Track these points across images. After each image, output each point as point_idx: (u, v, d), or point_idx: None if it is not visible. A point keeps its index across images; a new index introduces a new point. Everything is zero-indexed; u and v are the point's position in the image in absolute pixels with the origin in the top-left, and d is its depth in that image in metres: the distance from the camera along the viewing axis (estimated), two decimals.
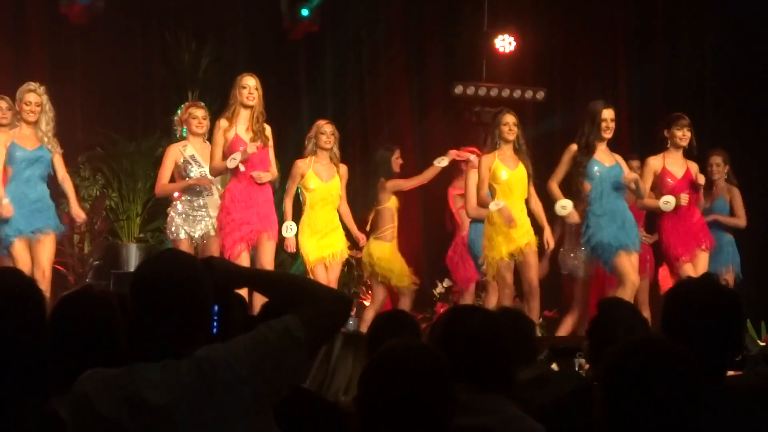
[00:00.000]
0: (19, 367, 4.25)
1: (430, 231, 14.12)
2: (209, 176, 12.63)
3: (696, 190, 13.17)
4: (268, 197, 12.42)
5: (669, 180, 13.08)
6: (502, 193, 12.94)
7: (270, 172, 12.33)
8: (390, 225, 13.89)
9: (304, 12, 15.70)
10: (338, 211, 13.13)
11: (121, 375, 4.20)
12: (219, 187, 12.77)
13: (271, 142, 12.35)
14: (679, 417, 4.00)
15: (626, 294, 12.29)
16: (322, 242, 13.09)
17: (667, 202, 12.89)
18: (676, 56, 17.25)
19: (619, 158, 12.95)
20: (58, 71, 15.21)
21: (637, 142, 16.67)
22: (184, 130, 13.23)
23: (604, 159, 12.94)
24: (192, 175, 12.71)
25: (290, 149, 13.85)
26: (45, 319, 4.48)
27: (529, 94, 16.45)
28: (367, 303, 15.03)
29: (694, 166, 13.36)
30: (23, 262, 11.78)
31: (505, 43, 16.56)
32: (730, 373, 6.03)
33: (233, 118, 12.27)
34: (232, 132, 12.23)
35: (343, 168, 13.14)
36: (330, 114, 14.42)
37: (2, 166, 12.09)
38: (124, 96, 13.15)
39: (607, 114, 12.86)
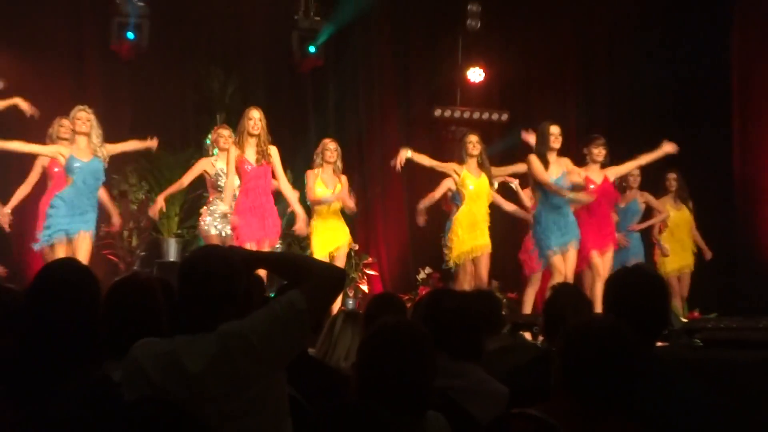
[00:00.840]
0: (78, 339, 4.27)
1: (415, 224, 14.07)
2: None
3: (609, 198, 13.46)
4: (272, 209, 12.52)
5: (591, 186, 13.19)
6: (470, 198, 13.02)
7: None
8: None
9: (311, 49, 15.69)
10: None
11: (165, 345, 4.24)
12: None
13: (274, 159, 12.33)
14: (619, 377, 4.06)
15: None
16: (328, 237, 13.04)
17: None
18: (614, 84, 17.18)
19: (566, 161, 12.98)
20: (110, 97, 15.18)
21: (583, 157, 16.67)
22: (215, 150, 13.20)
23: (553, 171, 12.90)
24: (221, 183, 12.67)
25: (300, 162, 13.81)
26: (99, 300, 4.50)
27: (495, 116, 16.46)
28: (364, 287, 15.01)
29: (610, 174, 13.47)
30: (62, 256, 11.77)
31: (475, 74, 16.53)
32: (659, 343, 6.07)
33: (243, 145, 12.29)
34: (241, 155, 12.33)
35: (344, 178, 13.13)
36: (332, 132, 14.40)
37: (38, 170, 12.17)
38: (164, 117, 13.18)
39: (554, 129, 12.85)
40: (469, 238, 13.07)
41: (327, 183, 12.92)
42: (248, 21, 15.90)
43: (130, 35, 14.84)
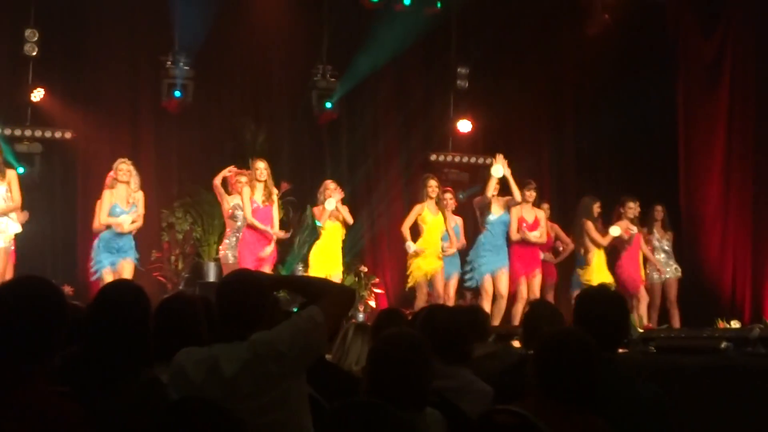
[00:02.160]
0: (131, 347, 4.26)
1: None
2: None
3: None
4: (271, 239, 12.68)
5: (524, 223, 13.62)
6: (428, 231, 13.21)
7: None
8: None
9: (328, 105, 15.68)
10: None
11: (205, 352, 4.27)
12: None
13: (275, 199, 12.67)
14: (583, 379, 4.05)
15: (487, 305, 13.12)
16: (329, 261, 13.04)
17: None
18: (580, 132, 17.16)
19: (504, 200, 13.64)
20: (160, 145, 15.23)
21: (555, 192, 16.66)
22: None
23: (495, 210, 13.52)
24: (237, 215, 12.90)
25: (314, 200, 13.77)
26: (149, 314, 4.50)
27: (481, 159, 16.35)
28: (372, 303, 14.94)
29: (540, 213, 13.90)
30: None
31: (464, 125, 16.48)
32: (620, 350, 6.04)
33: (252, 189, 12.56)
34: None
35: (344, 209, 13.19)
36: (345, 173, 14.37)
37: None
38: (205, 161, 13.20)
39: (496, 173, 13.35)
40: (425, 263, 13.20)
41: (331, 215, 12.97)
42: (275, 81, 15.93)
43: (178, 94, 14.85)
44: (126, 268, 12.00)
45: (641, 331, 12.22)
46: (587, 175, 16.72)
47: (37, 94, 14.21)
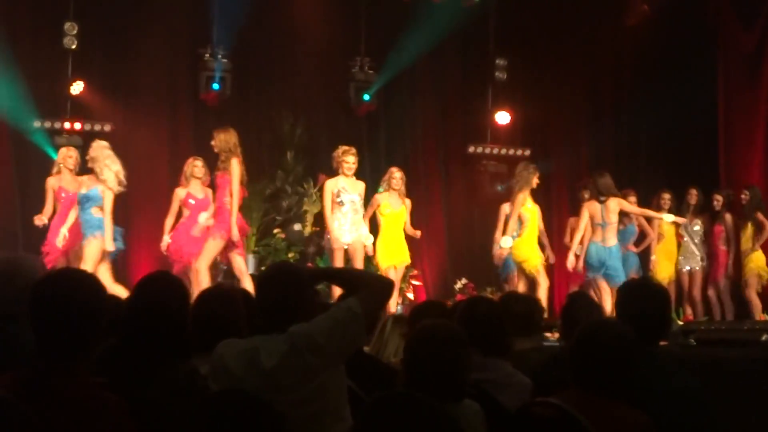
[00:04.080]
0: (170, 338, 4.29)
1: (451, 243, 14.04)
2: None
3: None
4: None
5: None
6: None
7: None
8: None
9: (366, 97, 15.69)
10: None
11: (245, 344, 4.29)
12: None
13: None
14: (620, 372, 4.05)
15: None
16: (392, 252, 12.87)
17: None
18: (618, 125, 17.13)
19: None
20: (199, 137, 15.15)
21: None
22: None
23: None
24: None
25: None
26: (187, 306, 4.53)
27: (519, 151, 16.35)
28: (410, 295, 14.90)
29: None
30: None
31: (502, 117, 16.44)
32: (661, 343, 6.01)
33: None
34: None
35: (408, 201, 13.08)
36: (383, 165, 14.32)
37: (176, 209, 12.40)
38: (244, 154, 13.18)
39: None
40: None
41: (393, 205, 12.84)
42: (313, 73, 15.91)
43: (216, 86, 14.90)
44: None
45: (681, 323, 12.17)
46: (627, 168, 16.63)
47: (77, 87, 14.29)
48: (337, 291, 9.76)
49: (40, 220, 12.03)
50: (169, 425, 3.96)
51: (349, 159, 12.53)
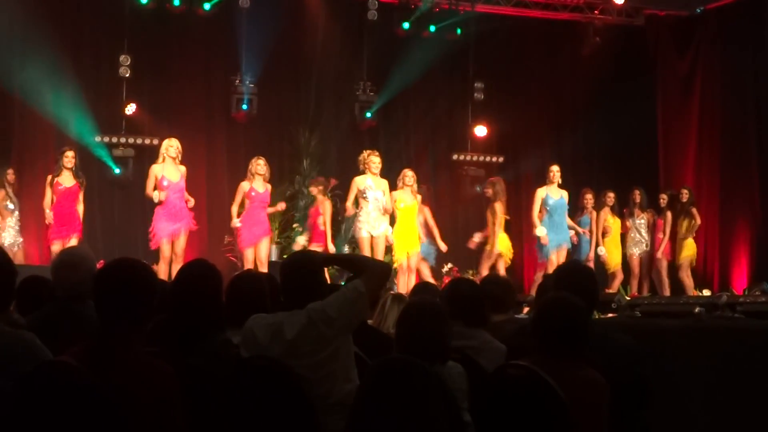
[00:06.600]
0: (207, 314, 4.30)
1: (440, 233, 14.01)
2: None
3: None
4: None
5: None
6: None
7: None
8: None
9: (368, 114, 15.65)
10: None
11: (270, 318, 4.31)
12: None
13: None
14: (575, 337, 4.05)
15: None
16: (406, 240, 12.96)
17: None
18: (576, 137, 17.09)
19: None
20: (231, 149, 15.33)
21: None
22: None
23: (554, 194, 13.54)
24: None
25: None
26: (221, 288, 4.55)
27: (494, 158, 16.35)
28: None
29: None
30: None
31: (480, 130, 16.42)
32: (610, 315, 6.02)
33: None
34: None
35: (419, 196, 13.18)
36: (382, 170, 14.17)
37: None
38: (267, 161, 13.16)
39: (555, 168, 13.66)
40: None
41: (406, 200, 12.90)
42: (325, 95, 15.96)
43: (245, 106, 14.93)
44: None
45: (628, 298, 12.15)
46: (583, 171, 16.66)
47: (130, 108, 14.37)
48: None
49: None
50: (208, 386, 3.98)
51: (374, 159, 12.86)
